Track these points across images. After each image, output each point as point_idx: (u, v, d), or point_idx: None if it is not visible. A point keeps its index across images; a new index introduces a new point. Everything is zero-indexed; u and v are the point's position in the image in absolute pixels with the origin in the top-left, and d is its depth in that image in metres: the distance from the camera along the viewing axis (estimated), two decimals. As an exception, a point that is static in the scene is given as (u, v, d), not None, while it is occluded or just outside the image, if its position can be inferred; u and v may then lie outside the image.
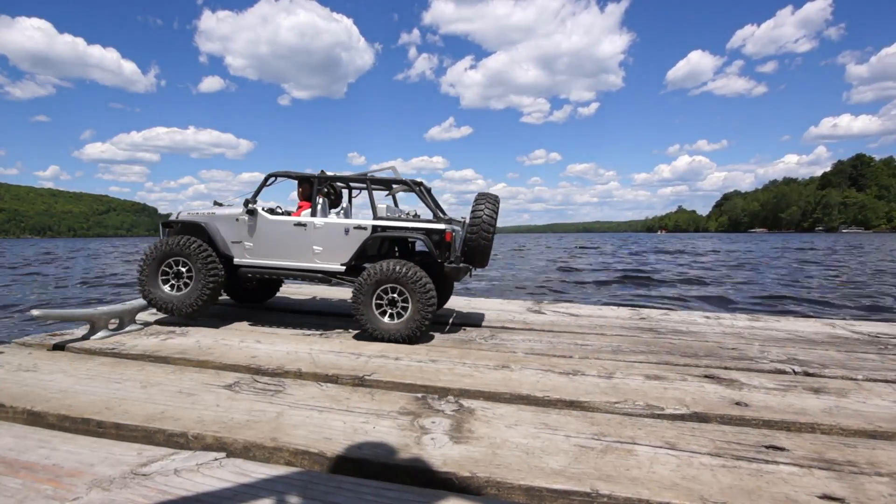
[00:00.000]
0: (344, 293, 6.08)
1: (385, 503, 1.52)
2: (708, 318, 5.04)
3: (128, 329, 3.85)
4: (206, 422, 2.08)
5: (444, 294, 4.80)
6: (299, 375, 2.79)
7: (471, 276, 4.13)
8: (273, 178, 4.29)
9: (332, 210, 4.48)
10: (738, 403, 2.42)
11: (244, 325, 4.23)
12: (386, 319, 3.69)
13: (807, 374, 3.00)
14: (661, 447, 1.94)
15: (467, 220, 4.15)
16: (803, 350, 3.63)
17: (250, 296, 5.27)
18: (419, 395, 2.51)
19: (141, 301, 4.16)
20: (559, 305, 5.74)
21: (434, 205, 4.31)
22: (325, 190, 4.36)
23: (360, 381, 2.69)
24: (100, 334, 3.60)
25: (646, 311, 5.37)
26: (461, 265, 3.89)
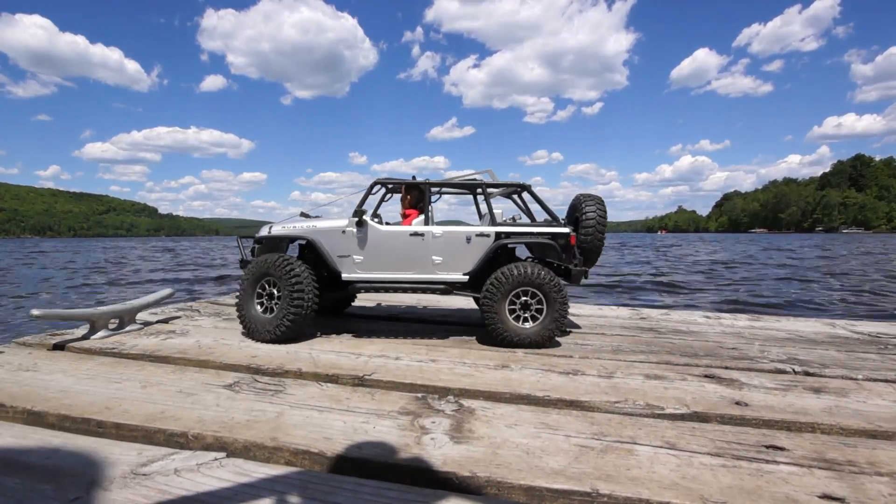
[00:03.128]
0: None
1: (385, 503, 1.52)
2: (708, 317, 5.04)
3: (128, 329, 3.85)
4: (206, 422, 2.08)
5: None
6: (299, 375, 2.79)
7: (586, 277, 3.92)
8: (379, 187, 4.01)
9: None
10: (738, 403, 2.42)
11: (244, 324, 4.23)
12: (520, 324, 3.57)
13: (807, 374, 3.00)
14: (661, 447, 1.94)
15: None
16: (803, 350, 3.63)
17: (331, 305, 4.90)
18: (419, 394, 2.51)
19: (141, 301, 4.16)
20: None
21: (545, 208, 4.08)
22: (410, 195, 4.16)
23: (360, 381, 2.69)
24: (100, 334, 3.60)
25: (646, 310, 5.37)
26: (583, 267, 3.79)
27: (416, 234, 3.74)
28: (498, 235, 3.74)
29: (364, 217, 3.76)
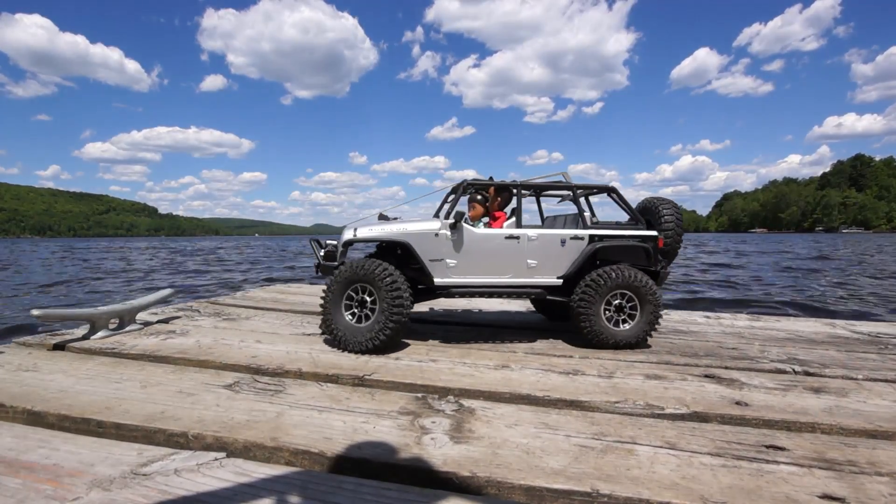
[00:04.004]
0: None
1: (385, 503, 1.52)
2: (708, 317, 5.04)
3: (128, 329, 3.85)
4: (207, 422, 2.08)
5: None
6: (299, 375, 2.79)
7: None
8: (469, 188, 3.89)
9: (485, 219, 4.17)
10: (738, 403, 2.42)
11: (244, 324, 4.23)
12: (615, 326, 3.58)
13: (807, 374, 3.00)
14: (661, 447, 1.94)
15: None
16: (803, 350, 3.63)
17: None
18: (419, 394, 2.51)
19: (141, 301, 4.16)
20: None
21: (630, 210, 4.06)
22: (480, 197, 4.07)
23: (360, 381, 2.69)
24: (100, 334, 3.60)
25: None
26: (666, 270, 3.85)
27: (511, 236, 3.65)
28: (591, 238, 3.72)
29: (458, 220, 3.60)
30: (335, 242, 3.84)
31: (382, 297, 3.33)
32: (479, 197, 4.01)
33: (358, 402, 2.37)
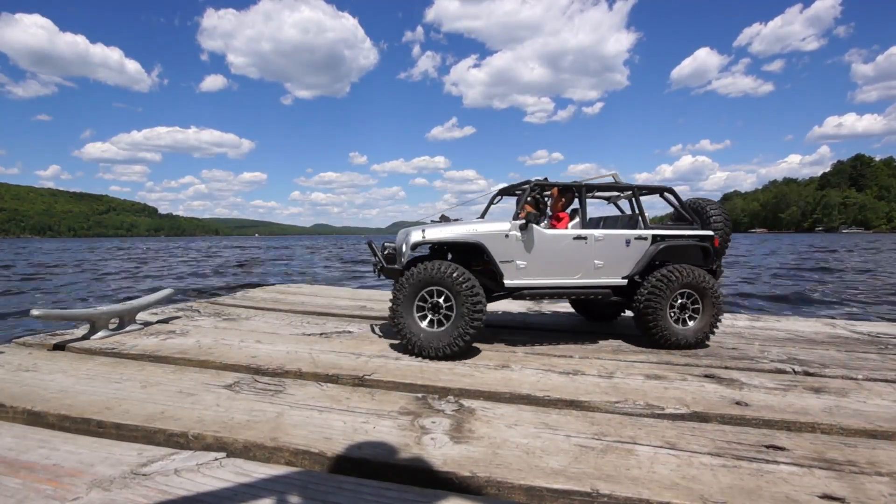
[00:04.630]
0: (333, 294, 6.05)
1: (385, 503, 1.52)
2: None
3: (128, 329, 3.85)
4: (207, 422, 2.08)
5: None
6: (299, 375, 2.79)
7: None
8: (536, 188, 3.86)
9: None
10: (738, 403, 2.42)
11: (244, 325, 4.23)
12: (678, 326, 3.62)
13: (807, 374, 3.00)
14: (661, 447, 1.94)
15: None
16: (803, 350, 3.63)
17: None
18: (419, 394, 2.51)
19: (141, 301, 4.16)
20: (559, 305, 5.73)
21: (685, 211, 4.09)
22: (531, 199, 4.03)
23: (360, 381, 2.69)
24: (100, 334, 3.60)
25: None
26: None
27: (579, 237, 3.64)
28: (654, 238, 3.76)
29: (527, 221, 3.55)
30: (394, 245, 3.83)
31: (462, 301, 3.25)
32: (529, 199, 4.01)
33: (358, 402, 2.37)
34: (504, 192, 4.36)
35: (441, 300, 3.32)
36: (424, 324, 3.34)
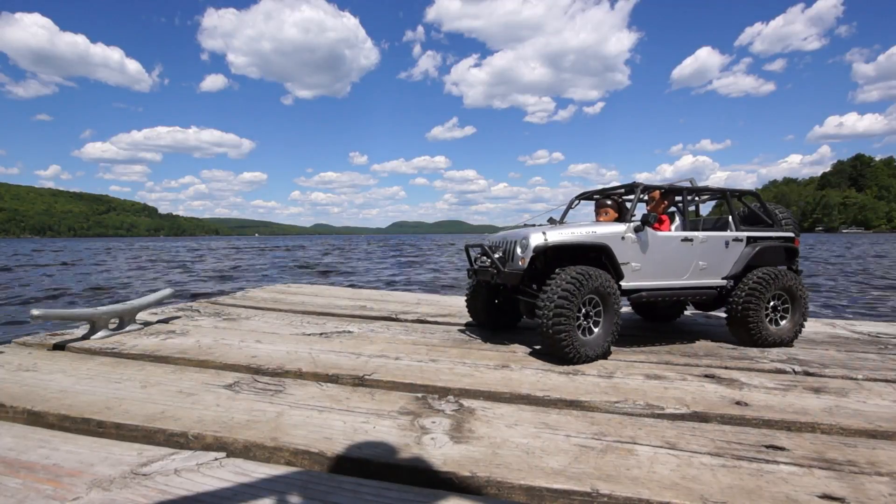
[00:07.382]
0: (334, 294, 6.03)
1: (385, 503, 1.52)
2: (708, 317, 5.04)
3: (128, 329, 3.85)
4: (206, 422, 2.08)
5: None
6: (299, 375, 2.79)
7: None
8: (643, 189, 3.82)
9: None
10: (738, 403, 2.42)
11: (244, 324, 4.23)
12: (773, 327, 3.75)
13: (807, 374, 3.00)
14: (661, 447, 1.94)
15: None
16: (803, 350, 3.63)
17: (501, 317, 4.31)
18: (419, 394, 2.51)
19: (141, 301, 4.16)
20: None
21: (770, 214, 4.20)
22: (610, 202, 4.06)
23: (360, 381, 2.69)
24: (100, 334, 3.60)
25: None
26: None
27: (686, 238, 3.72)
28: (748, 240, 3.90)
29: (643, 223, 3.56)
30: (489, 245, 3.83)
31: (611, 308, 3.30)
32: (608, 202, 4.05)
33: (358, 402, 2.37)
34: (582, 197, 4.42)
35: (591, 308, 3.30)
36: (580, 332, 3.25)
